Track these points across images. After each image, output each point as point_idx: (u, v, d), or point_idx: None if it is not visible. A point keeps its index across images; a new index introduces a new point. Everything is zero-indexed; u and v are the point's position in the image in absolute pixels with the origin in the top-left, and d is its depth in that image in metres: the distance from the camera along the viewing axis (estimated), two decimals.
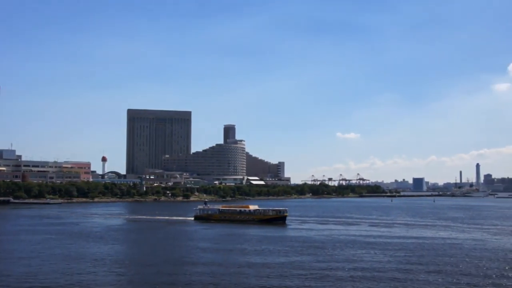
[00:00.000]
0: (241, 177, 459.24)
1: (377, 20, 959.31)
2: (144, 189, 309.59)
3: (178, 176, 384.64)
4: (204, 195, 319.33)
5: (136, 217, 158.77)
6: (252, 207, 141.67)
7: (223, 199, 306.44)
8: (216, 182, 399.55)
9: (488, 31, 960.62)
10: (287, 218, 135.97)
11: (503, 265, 65.49)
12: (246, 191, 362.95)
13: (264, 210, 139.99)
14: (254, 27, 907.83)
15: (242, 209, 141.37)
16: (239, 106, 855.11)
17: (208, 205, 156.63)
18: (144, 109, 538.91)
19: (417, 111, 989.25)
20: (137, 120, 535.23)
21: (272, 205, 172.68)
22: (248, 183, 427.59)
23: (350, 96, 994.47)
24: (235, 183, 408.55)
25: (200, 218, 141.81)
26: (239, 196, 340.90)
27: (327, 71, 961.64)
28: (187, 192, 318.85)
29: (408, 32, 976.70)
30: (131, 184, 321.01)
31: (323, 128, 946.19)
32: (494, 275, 58.49)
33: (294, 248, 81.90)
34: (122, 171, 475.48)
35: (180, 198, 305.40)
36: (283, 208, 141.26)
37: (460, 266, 64.28)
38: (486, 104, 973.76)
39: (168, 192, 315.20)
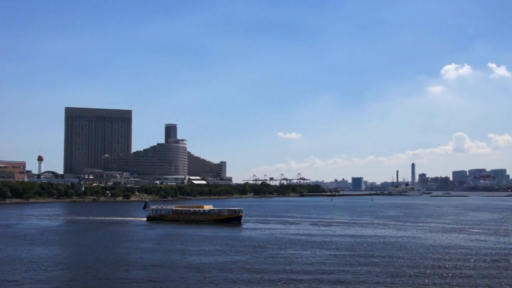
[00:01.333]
0: (183, 176, 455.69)
1: (319, 21, 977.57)
2: (83, 189, 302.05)
3: (118, 175, 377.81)
4: (145, 195, 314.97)
5: (76, 218, 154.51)
6: (207, 207, 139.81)
7: (164, 199, 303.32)
8: (157, 181, 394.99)
9: (423, 35, 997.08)
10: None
11: (434, 260, 68.27)
12: (188, 191, 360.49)
13: (219, 210, 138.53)
14: (197, 26, 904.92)
15: (197, 209, 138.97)
16: (181, 105, 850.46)
17: (161, 205, 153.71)
18: (82, 107, 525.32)
19: (357, 112, 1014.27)
20: (76, 119, 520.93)
21: (219, 205, 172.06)
22: (190, 183, 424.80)
23: (292, 96, 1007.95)
24: (177, 183, 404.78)
25: (153, 219, 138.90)
26: (181, 196, 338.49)
27: (269, 71, 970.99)
28: (127, 192, 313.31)
29: (349, 34, 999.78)
30: (69, 184, 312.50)
31: (264, 128, 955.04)
32: (425, 269, 60.98)
33: (234, 248, 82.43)
34: (60, 170, 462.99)
35: (120, 198, 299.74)
36: (238, 208, 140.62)
37: (395, 262, 66.55)
38: (421, 106, 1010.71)
39: (107, 192, 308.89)
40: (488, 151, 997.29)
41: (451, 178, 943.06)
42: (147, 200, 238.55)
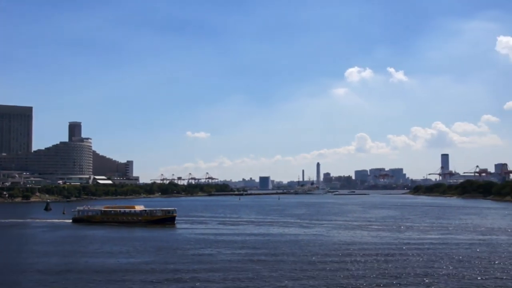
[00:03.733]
0: (88, 176, 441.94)
1: (229, 21, 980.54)
2: None
3: (17, 175, 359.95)
4: (47, 195, 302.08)
5: None
6: (138, 208, 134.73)
7: (68, 200, 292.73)
8: (60, 181, 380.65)
9: (328, 38, 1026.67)
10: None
11: (335, 256, 70.78)
12: (93, 191, 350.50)
13: (151, 210, 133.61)
14: (104, 21, 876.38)
15: (127, 209, 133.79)
16: (86, 103, 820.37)
17: (89, 206, 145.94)
18: None
19: (265, 112, 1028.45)
20: None
21: (149, 205, 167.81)
22: (95, 183, 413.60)
23: (201, 96, 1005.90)
24: (81, 183, 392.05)
25: (80, 221, 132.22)
26: (85, 196, 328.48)
27: (179, 70, 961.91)
28: (27, 193, 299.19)
29: (258, 34, 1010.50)
30: None
31: (172, 127, 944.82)
32: (326, 264, 63.16)
33: (136, 248, 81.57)
34: None
35: (19, 199, 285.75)
36: (172, 208, 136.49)
37: (298, 260, 68.30)
38: (327, 107, 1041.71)
39: (5, 192, 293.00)
40: (387, 151, 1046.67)
41: (353, 177, 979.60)
42: (48, 200, 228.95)
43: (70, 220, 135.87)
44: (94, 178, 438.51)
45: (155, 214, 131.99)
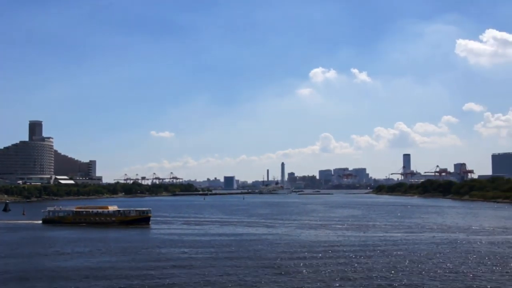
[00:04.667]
0: (49, 176, 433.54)
1: (195, 20, 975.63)
2: None
3: None
4: (5, 196, 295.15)
5: None
6: (112, 208, 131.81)
7: (28, 200, 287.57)
8: (20, 182, 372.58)
9: (293, 39, 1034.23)
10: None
11: (299, 254, 71.17)
12: (54, 191, 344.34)
13: (124, 210, 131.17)
14: (68, 18, 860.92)
15: (100, 210, 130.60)
16: (47, 101, 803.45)
17: (60, 206, 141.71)
18: None
19: (230, 112, 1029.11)
20: None
21: (127, 205, 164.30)
22: (57, 183, 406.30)
23: (166, 95, 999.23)
24: (42, 183, 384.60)
25: (50, 221, 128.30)
26: (46, 196, 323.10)
27: (142, 68, 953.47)
28: None
29: (224, 34, 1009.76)
30: None
31: (137, 126, 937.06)
32: (290, 261, 63.56)
33: (99, 249, 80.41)
34: None
35: None
36: (147, 208, 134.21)
37: (263, 258, 68.55)
38: (292, 107, 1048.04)
39: None
40: (351, 151, 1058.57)
41: (317, 177, 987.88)
42: (7, 201, 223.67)
43: (40, 221, 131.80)
44: (55, 178, 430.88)
45: (129, 215, 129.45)
